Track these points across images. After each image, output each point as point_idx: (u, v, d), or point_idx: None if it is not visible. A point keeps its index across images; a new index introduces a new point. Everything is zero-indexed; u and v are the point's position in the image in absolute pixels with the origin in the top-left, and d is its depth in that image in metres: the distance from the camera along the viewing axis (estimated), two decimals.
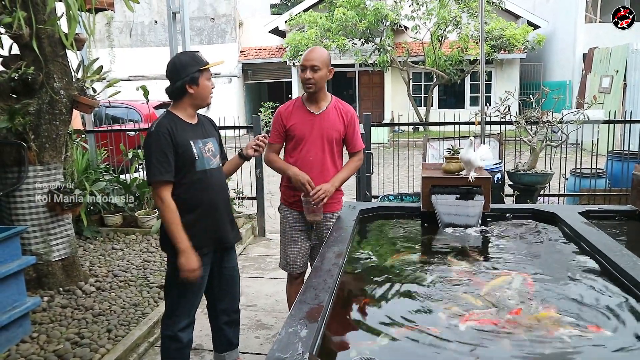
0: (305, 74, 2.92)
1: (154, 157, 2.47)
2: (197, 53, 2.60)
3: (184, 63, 2.53)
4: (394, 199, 5.26)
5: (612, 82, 12.56)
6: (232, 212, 2.84)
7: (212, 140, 2.70)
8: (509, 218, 3.09)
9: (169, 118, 2.57)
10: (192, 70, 2.51)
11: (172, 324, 2.66)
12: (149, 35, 19.88)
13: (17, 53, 3.86)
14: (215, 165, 2.67)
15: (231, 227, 2.79)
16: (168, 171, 2.47)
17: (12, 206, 3.90)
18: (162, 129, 2.49)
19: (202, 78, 2.54)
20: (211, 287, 2.83)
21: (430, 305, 1.93)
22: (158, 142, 2.47)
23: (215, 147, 2.71)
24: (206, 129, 2.70)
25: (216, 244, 2.69)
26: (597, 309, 1.86)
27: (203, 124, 2.71)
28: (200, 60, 2.55)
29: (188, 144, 2.53)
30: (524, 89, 18.13)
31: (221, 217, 2.70)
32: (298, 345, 1.52)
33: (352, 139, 3.11)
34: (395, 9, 15.65)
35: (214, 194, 2.64)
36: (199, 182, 2.57)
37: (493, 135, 6.02)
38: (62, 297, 3.95)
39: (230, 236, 2.78)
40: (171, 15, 5.49)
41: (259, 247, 5.63)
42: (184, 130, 2.55)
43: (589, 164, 5.99)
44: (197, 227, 2.58)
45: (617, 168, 6.03)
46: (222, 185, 2.73)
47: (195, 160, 2.55)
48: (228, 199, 2.81)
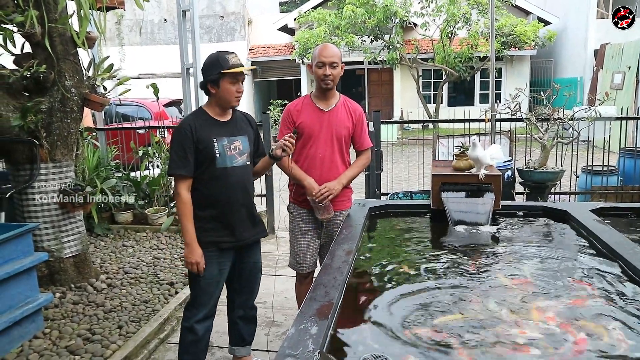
0: (325, 70, 2.92)
1: (174, 152, 2.58)
2: (226, 55, 2.56)
3: (209, 63, 2.57)
4: (403, 196, 5.24)
5: (624, 79, 12.43)
6: (254, 209, 2.85)
7: (243, 138, 2.70)
8: (520, 216, 3.07)
9: (196, 114, 2.67)
10: (214, 72, 2.53)
11: (190, 315, 2.74)
12: (159, 34, 19.95)
13: (29, 51, 3.89)
14: (240, 163, 2.68)
15: (252, 224, 2.81)
16: (185, 166, 2.55)
17: (24, 203, 3.94)
18: (185, 125, 2.58)
19: (224, 81, 2.54)
20: (231, 281, 2.88)
21: (439, 305, 1.92)
22: (179, 138, 2.56)
23: (245, 145, 2.71)
24: (238, 127, 2.71)
25: (235, 240, 2.72)
26: (611, 307, 1.84)
27: (236, 122, 2.72)
28: (225, 62, 2.52)
29: (210, 141, 2.57)
30: (534, 86, 18.00)
31: (240, 215, 2.72)
32: (308, 343, 1.52)
33: (360, 137, 3.12)
34: (405, 5, 15.59)
35: (233, 191, 2.66)
36: (218, 178, 2.61)
37: (503, 132, 5.99)
38: (74, 294, 3.98)
39: (249, 233, 2.79)
40: (181, 13, 5.50)
41: (268, 245, 5.63)
42: (208, 127, 2.60)
43: (601, 161, 5.94)
44: (215, 222, 2.65)
45: (630, 165, 5.97)
46: (244, 183, 2.73)
47: (216, 157, 2.58)
48: (249, 197, 2.80)
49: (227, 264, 2.74)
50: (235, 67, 2.53)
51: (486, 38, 14.88)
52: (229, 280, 2.87)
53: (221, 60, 2.53)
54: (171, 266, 4.66)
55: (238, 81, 2.58)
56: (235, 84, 2.57)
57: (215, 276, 2.70)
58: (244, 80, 2.65)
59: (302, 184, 3.01)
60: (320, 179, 2.96)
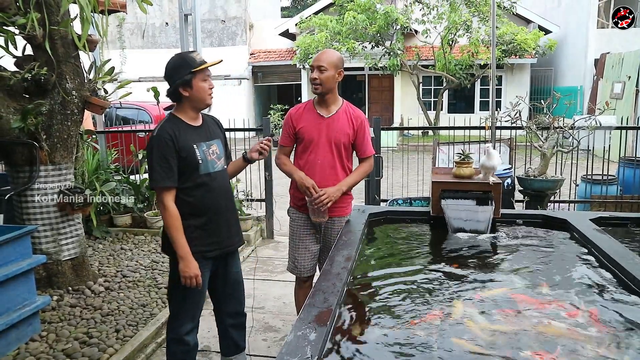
0: (312, 74, 2.95)
1: (155, 163, 2.45)
2: (190, 54, 2.53)
3: (175, 66, 2.48)
4: (403, 203, 5.24)
5: (624, 88, 12.46)
6: (237, 214, 2.82)
7: (217, 142, 2.66)
8: (519, 224, 3.07)
9: (171, 122, 2.54)
10: (184, 73, 2.45)
11: (177, 327, 2.66)
12: (160, 37, 19.99)
13: (31, 54, 3.90)
14: (219, 167, 2.64)
15: (236, 229, 2.77)
16: (170, 177, 2.46)
17: (23, 205, 3.93)
18: (165, 133, 2.47)
19: (196, 80, 2.47)
20: (216, 291, 2.82)
21: (438, 311, 1.91)
22: (160, 148, 2.45)
23: (220, 149, 2.67)
24: (211, 131, 2.66)
25: (221, 247, 2.67)
26: (608, 317, 1.84)
27: (208, 126, 2.66)
28: (193, 61, 2.47)
29: (191, 148, 2.50)
30: (534, 94, 18.04)
31: (226, 220, 2.67)
32: (307, 349, 1.52)
33: (362, 144, 3.09)
34: (406, 12, 15.64)
35: (218, 197, 2.61)
36: (203, 185, 2.55)
37: (503, 140, 5.99)
38: (72, 297, 3.97)
39: (235, 239, 2.75)
40: (183, 17, 5.51)
41: (267, 250, 5.63)
42: (187, 133, 2.52)
43: (600, 170, 5.94)
44: (202, 230, 2.57)
45: (629, 175, 5.97)
46: (226, 188, 2.70)
47: (199, 163, 2.52)
48: (233, 202, 2.77)
49: (208, 272, 2.67)
50: (203, 63, 2.47)
51: (487, 46, 14.92)
52: (214, 291, 2.81)
53: (188, 60, 2.48)
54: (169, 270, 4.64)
55: (208, 78, 2.52)
56: (206, 81, 2.50)
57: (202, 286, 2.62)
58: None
59: (293, 178, 3.04)
60: (319, 185, 2.96)
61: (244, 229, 5.71)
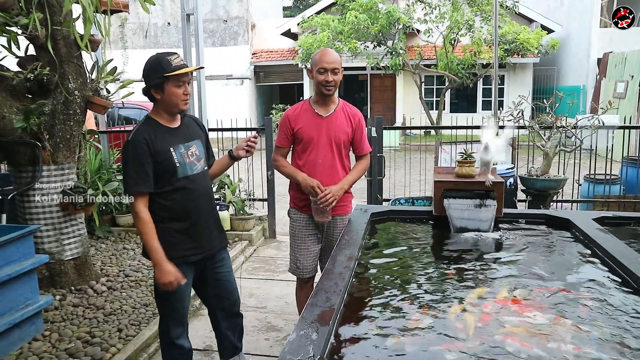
0: (327, 76, 2.92)
1: (130, 168, 2.40)
2: (168, 56, 2.40)
3: (150, 67, 2.42)
4: (405, 202, 5.24)
5: (627, 87, 12.43)
6: (218, 216, 2.76)
7: (197, 142, 2.59)
8: (522, 223, 3.06)
9: (147, 124, 2.49)
10: (156, 76, 2.38)
11: (167, 331, 2.66)
12: (162, 37, 20.01)
13: (33, 54, 3.90)
14: (199, 169, 2.57)
15: (217, 232, 2.71)
16: (145, 182, 2.40)
17: (26, 205, 3.94)
18: (140, 137, 2.41)
19: (169, 85, 2.38)
20: (207, 295, 2.79)
21: (440, 311, 1.91)
22: (135, 152, 2.40)
23: (200, 150, 2.60)
24: (190, 132, 2.59)
25: (204, 251, 2.61)
26: (612, 317, 1.83)
27: (187, 127, 2.59)
28: (168, 65, 2.36)
29: (168, 151, 2.44)
30: (537, 94, 18.00)
31: (206, 223, 2.62)
32: (309, 348, 1.51)
33: (360, 142, 3.12)
34: (408, 12, 15.60)
35: (198, 199, 2.55)
36: (182, 189, 2.49)
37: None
38: (74, 296, 3.97)
39: (216, 242, 2.69)
40: (185, 17, 5.51)
41: (269, 249, 5.64)
42: (163, 136, 2.46)
43: (603, 170, 5.93)
44: (183, 235, 2.53)
45: (632, 174, 5.96)
46: (206, 190, 2.64)
47: (177, 167, 2.46)
48: (213, 204, 2.71)
49: (192, 276, 2.62)
50: (179, 69, 2.37)
51: (489, 45, 14.88)
52: (205, 295, 2.80)
53: (163, 62, 2.37)
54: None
55: (184, 84, 2.42)
56: (180, 87, 2.41)
57: (184, 291, 2.59)
58: (190, 83, 2.49)
59: (297, 180, 3.02)
60: (321, 185, 2.96)
61: (246, 228, 5.72)
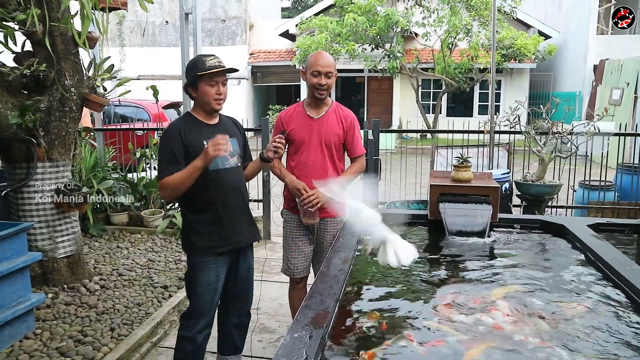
0: (320, 80, 2.92)
1: (163, 156, 2.56)
2: (204, 57, 2.56)
3: (188, 66, 2.60)
4: (400, 205, 5.23)
5: (622, 95, 12.48)
6: (249, 211, 2.82)
7: (232, 140, 2.67)
8: (517, 228, 3.07)
9: (184, 118, 2.67)
10: (191, 75, 2.54)
11: (190, 325, 2.69)
12: (160, 36, 19.97)
13: (30, 50, 3.88)
14: (231, 164, 2.66)
15: (247, 226, 2.78)
16: (175, 169, 2.51)
17: (19, 202, 3.92)
18: (174, 128, 2.58)
19: (202, 83, 2.53)
20: (225, 289, 2.82)
21: (435, 314, 1.91)
22: (168, 141, 2.56)
23: (235, 147, 2.69)
24: (227, 129, 2.69)
25: (232, 243, 2.68)
26: (605, 324, 1.83)
27: (225, 125, 2.72)
28: (202, 64, 2.51)
29: (200, 144, 2.53)
30: (533, 99, 18.07)
31: (235, 217, 2.69)
32: (303, 351, 1.51)
33: (352, 143, 3.11)
34: (406, 15, 15.64)
35: (228, 193, 2.65)
36: (212, 181, 2.58)
37: (502, 144, 6.00)
38: (67, 295, 3.95)
39: (246, 236, 2.76)
40: (183, 16, 5.50)
41: (263, 250, 5.62)
42: (198, 130, 2.59)
43: (598, 176, 5.95)
44: (211, 226, 2.62)
45: (627, 181, 5.98)
46: (236, 185, 2.71)
47: None
48: (244, 199, 2.78)
49: (223, 269, 2.69)
50: (212, 69, 2.50)
51: (487, 50, 14.93)
52: (224, 288, 2.81)
53: (199, 62, 2.53)
54: (165, 269, 4.64)
55: (217, 83, 2.55)
56: (214, 87, 2.54)
57: (213, 282, 2.66)
58: (226, 83, 2.61)
59: (284, 181, 3.05)
60: (311, 186, 2.95)
61: None
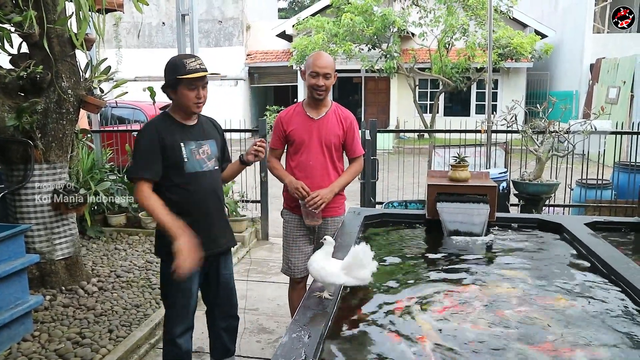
0: (318, 80, 2.92)
1: (137, 154, 2.49)
2: (185, 59, 2.46)
3: (166, 68, 2.49)
4: (398, 205, 5.24)
5: (619, 93, 12.52)
6: (225, 216, 2.77)
7: (211, 142, 2.63)
8: (514, 227, 3.07)
9: (161, 118, 2.57)
10: (170, 78, 2.45)
11: (169, 329, 2.66)
12: (156, 37, 19.95)
13: (26, 52, 3.88)
14: (209, 168, 2.59)
15: (224, 232, 2.71)
16: (148, 169, 2.45)
17: (17, 204, 3.91)
18: (151, 127, 2.52)
19: (182, 86, 2.43)
20: (208, 294, 2.80)
21: (431, 314, 1.91)
22: (143, 141, 2.49)
23: (213, 149, 2.63)
24: (206, 131, 2.63)
25: (208, 248, 2.55)
26: (602, 322, 1.84)
27: (203, 126, 2.64)
28: (182, 67, 2.40)
29: (177, 146, 2.48)
30: (530, 98, 18.08)
31: (212, 221, 2.62)
32: (302, 351, 1.51)
33: (352, 144, 3.12)
34: (403, 15, 15.66)
35: (205, 196, 2.57)
36: (188, 184, 2.52)
37: (499, 144, 6.00)
38: (65, 297, 3.95)
39: (222, 241, 2.69)
40: (180, 17, 5.50)
41: (262, 251, 5.62)
42: (175, 131, 2.51)
43: (595, 174, 5.96)
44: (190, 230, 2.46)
45: (624, 179, 5.99)
46: (213, 189, 2.63)
47: (184, 162, 2.50)
48: (221, 203, 2.71)
49: (197, 275, 2.60)
50: (192, 72, 2.40)
51: (483, 49, 14.95)
52: (206, 293, 2.80)
53: (178, 65, 2.42)
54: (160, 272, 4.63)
55: (197, 87, 2.45)
56: (193, 90, 2.44)
57: (187, 288, 2.58)
58: (206, 86, 2.50)
59: (284, 182, 3.05)
60: (312, 186, 2.96)
61: (238, 230, 5.70)
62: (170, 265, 2.44)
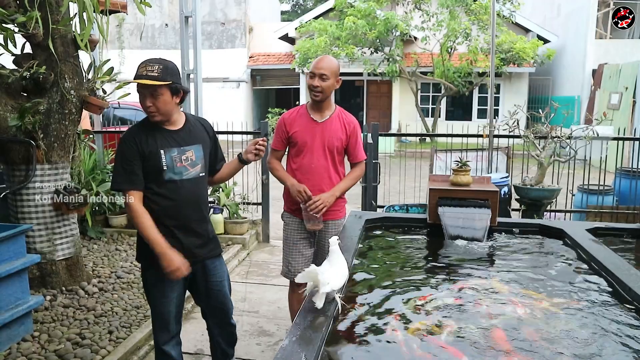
0: (314, 81, 2.93)
1: (119, 165, 2.42)
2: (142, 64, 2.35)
3: None
4: (399, 209, 5.24)
5: (621, 99, 12.52)
6: (208, 224, 2.65)
7: (196, 147, 2.51)
8: (516, 232, 3.07)
9: (142, 124, 2.49)
10: None
11: (154, 336, 2.68)
12: (159, 38, 20.00)
13: (29, 52, 3.88)
14: (191, 175, 2.49)
15: (204, 241, 2.61)
16: (131, 180, 2.39)
17: (18, 204, 3.91)
18: (130, 137, 2.42)
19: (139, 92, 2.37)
20: (200, 303, 2.78)
21: (432, 319, 1.91)
22: (123, 150, 2.41)
23: (198, 155, 2.52)
24: (192, 136, 2.51)
25: (189, 257, 2.47)
26: (602, 327, 1.83)
27: (189, 130, 2.52)
28: (136, 70, 2.33)
29: (157, 153, 2.40)
30: (532, 103, 18.11)
31: (192, 230, 2.54)
32: (302, 355, 1.51)
33: (354, 149, 3.12)
34: (406, 19, 15.69)
35: (184, 205, 2.48)
36: (168, 192, 2.44)
37: (501, 148, 6.00)
38: (65, 297, 3.95)
39: (204, 251, 2.60)
40: (183, 19, 5.51)
41: (262, 254, 5.62)
42: (156, 137, 2.42)
43: (597, 180, 5.96)
44: (166, 238, 2.41)
45: (625, 185, 5.99)
46: (196, 197, 2.54)
47: (164, 170, 2.41)
48: (202, 212, 2.61)
49: (179, 283, 2.53)
50: (136, 78, 2.31)
51: (486, 54, 14.97)
52: (197, 300, 2.80)
53: (138, 67, 2.34)
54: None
55: (144, 95, 2.34)
56: (141, 94, 2.35)
57: (168, 296, 2.54)
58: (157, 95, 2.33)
59: (286, 185, 3.05)
60: (313, 189, 2.97)
61: (239, 232, 5.70)
62: (150, 272, 2.47)
